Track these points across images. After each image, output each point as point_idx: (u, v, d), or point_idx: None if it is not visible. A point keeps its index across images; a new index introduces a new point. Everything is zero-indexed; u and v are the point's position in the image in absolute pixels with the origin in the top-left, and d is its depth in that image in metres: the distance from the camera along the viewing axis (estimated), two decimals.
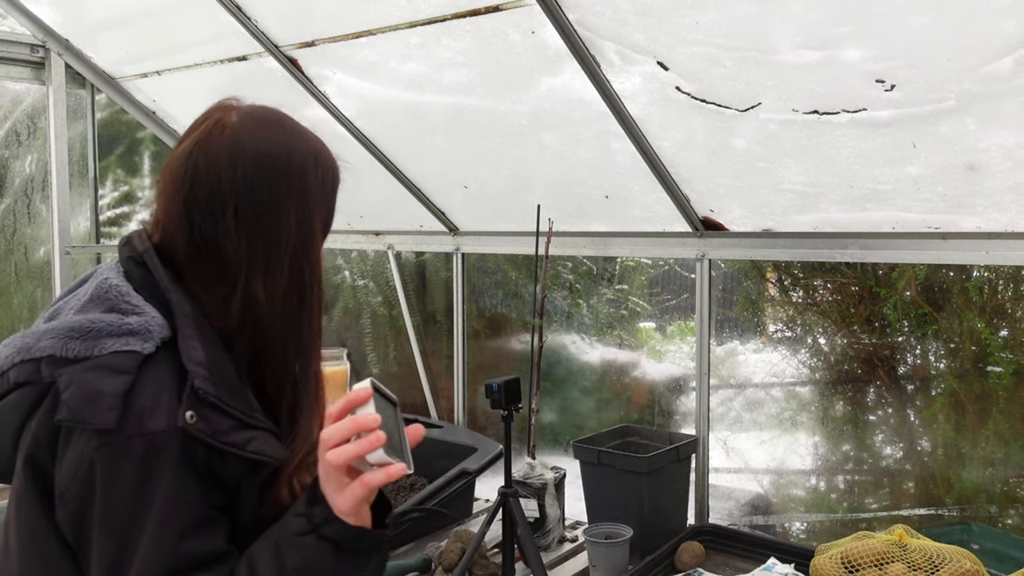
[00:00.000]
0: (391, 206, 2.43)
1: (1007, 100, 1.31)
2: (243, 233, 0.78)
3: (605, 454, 1.79)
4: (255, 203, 0.79)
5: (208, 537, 0.73)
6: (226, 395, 0.75)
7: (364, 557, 0.72)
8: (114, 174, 2.61)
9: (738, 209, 1.83)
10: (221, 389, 0.75)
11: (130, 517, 0.71)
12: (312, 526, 0.71)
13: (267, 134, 0.81)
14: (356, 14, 1.76)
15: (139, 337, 0.74)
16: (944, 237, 1.58)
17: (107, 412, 0.70)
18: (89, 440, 0.70)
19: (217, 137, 0.80)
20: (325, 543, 0.70)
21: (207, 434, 0.72)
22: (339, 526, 0.70)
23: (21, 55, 2.31)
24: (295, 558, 0.71)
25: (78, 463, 0.71)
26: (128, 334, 0.74)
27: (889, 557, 1.34)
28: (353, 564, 0.71)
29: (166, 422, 0.71)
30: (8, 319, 2.32)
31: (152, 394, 0.72)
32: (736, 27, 1.39)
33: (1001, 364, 1.76)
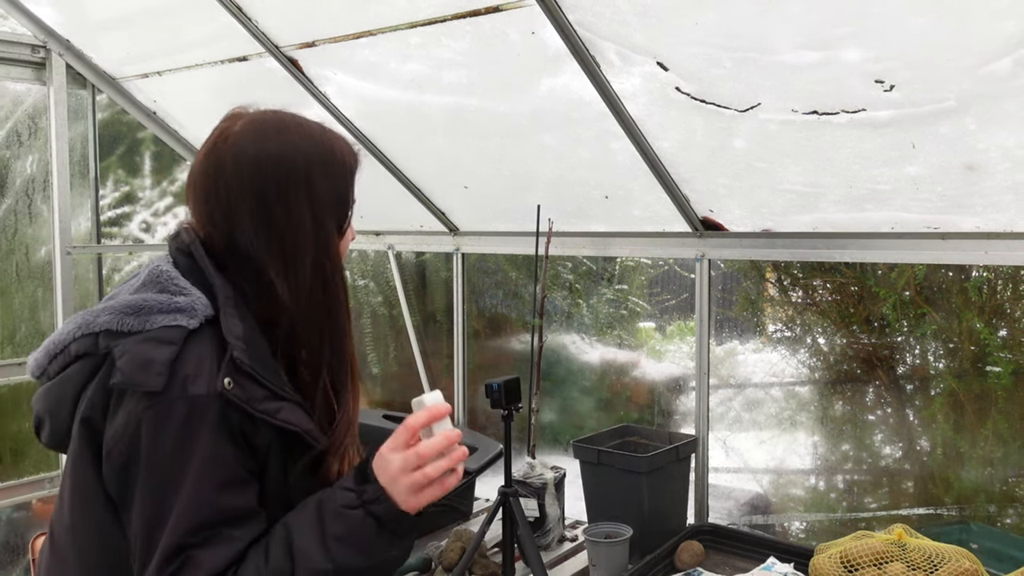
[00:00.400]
0: (391, 206, 2.43)
1: (1006, 100, 1.31)
2: (260, 235, 0.86)
3: (605, 454, 1.80)
4: (265, 206, 0.86)
5: (241, 495, 0.81)
6: (260, 367, 0.83)
7: (399, 538, 0.82)
8: (115, 174, 2.61)
9: (738, 209, 1.83)
10: (256, 362, 0.83)
11: (170, 473, 0.78)
12: (362, 502, 0.80)
13: (270, 138, 0.87)
14: (356, 15, 1.77)
15: (185, 314, 0.83)
16: (943, 237, 1.58)
17: (156, 376, 0.78)
18: (138, 402, 0.79)
19: (222, 146, 0.87)
20: (371, 519, 0.79)
21: (242, 400, 0.80)
22: (389, 506, 0.80)
23: (22, 55, 2.31)
24: (339, 527, 0.79)
25: (126, 423, 0.79)
26: (176, 311, 0.83)
27: (888, 556, 1.35)
28: (389, 542, 0.81)
29: (207, 388, 0.79)
30: (9, 319, 2.33)
31: (196, 363, 0.80)
32: (736, 27, 1.39)
33: (1000, 364, 1.77)
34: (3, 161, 2.31)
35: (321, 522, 0.80)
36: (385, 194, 2.36)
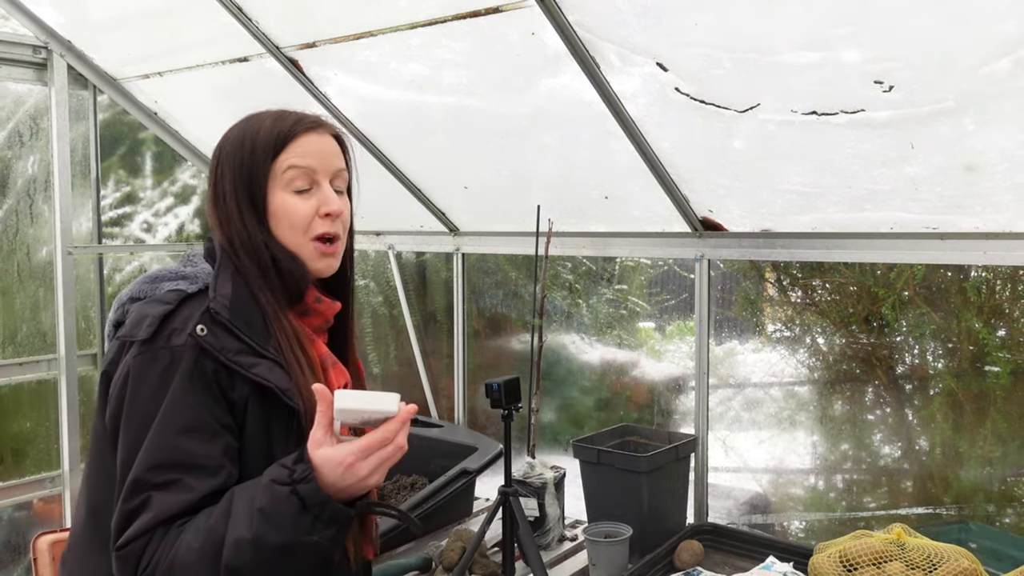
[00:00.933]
0: (392, 206, 2.44)
1: (1005, 101, 1.31)
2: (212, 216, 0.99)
3: (605, 453, 1.80)
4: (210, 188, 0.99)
5: (203, 442, 0.85)
6: (240, 323, 0.90)
7: (321, 524, 0.81)
8: (116, 175, 2.62)
9: (737, 209, 1.83)
10: (237, 317, 0.90)
11: (146, 415, 0.85)
12: (291, 480, 0.81)
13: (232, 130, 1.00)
14: (357, 15, 1.77)
15: (188, 280, 0.94)
16: (942, 237, 1.58)
17: (146, 328, 0.88)
18: (131, 351, 0.88)
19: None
20: (295, 498, 0.80)
21: (215, 348, 0.87)
22: (312, 488, 0.80)
23: (23, 56, 2.31)
24: (264, 500, 0.81)
25: (122, 371, 0.88)
26: (180, 278, 0.94)
27: (887, 556, 1.34)
28: (310, 526, 0.81)
29: (185, 337, 0.87)
30: (11, 319, 2.33)
31: (184, 319, 0.89)
32: (735, 28, 1.40)
33: (999, 364, 1.77)
34: (5, 161, 2.32)
35: (254, 492, 0.82)
36: (385, 194, 2.36)
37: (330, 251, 0.99)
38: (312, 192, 0.97)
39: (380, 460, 0.82)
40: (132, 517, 0.83)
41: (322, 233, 0.97)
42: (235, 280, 0.94)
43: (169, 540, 0.81)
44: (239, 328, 0.89)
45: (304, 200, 0.97)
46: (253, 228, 0.95)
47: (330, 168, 0.99)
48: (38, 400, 2.39)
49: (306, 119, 0.98)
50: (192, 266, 0.97)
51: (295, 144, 0.96)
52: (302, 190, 0.97)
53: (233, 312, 0.90)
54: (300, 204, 0.96)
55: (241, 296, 0.93)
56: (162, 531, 0.82)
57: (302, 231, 0.96)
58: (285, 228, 0.96)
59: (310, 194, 0.97)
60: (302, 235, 0.97)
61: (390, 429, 0.82)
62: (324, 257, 0.99)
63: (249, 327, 0.91)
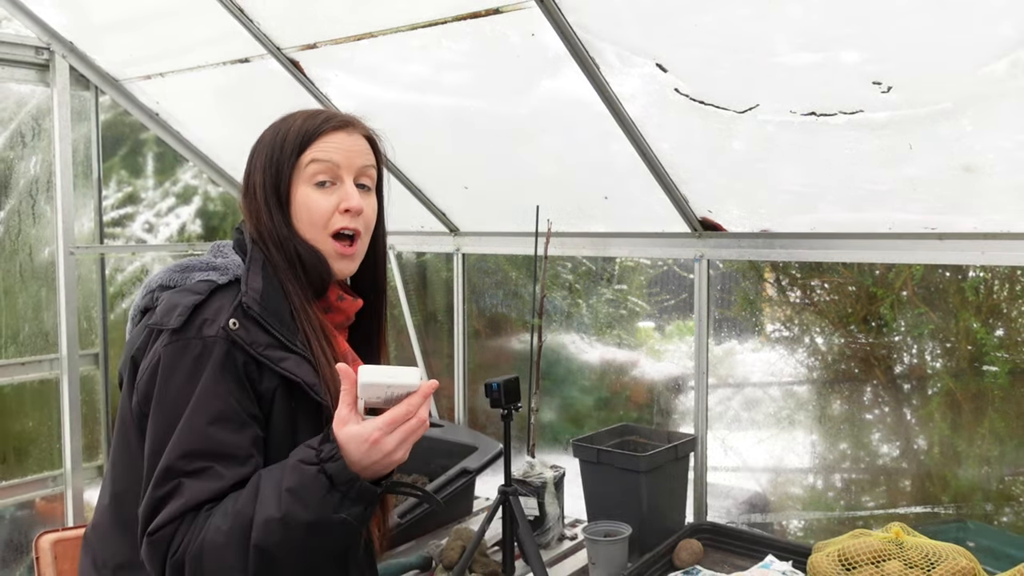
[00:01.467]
0: (392, 207, 2.42)
1: (1003, 102, 1.32)
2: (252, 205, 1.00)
3: (604, 453, 1.81)
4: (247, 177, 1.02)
5: (233, 432, 0.87)
6: (271, 317, 0.92)
7: (349, 502, 0.82)
8: (118, 175, 2.63)
9: (736, 210, 1.84)
10: (267, 312, 0.92)
11: (177, 404, 0.87)
12: (319, 459, 0.82)
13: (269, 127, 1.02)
14: (357, 16, 1.78)
15: (218, 272, 0.96)
16: (940, 238, 1.59)
17: (177, 317, 0.89)
18: (162, 340, 0.90)
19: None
20: (323, 477, 0.82)
21: (246, 341, 0.89)
22: (340, 466, 0.82)
23: (26, 57, 2.32)
24: (292, 480, 0.82)
25: (152, 358, 0.90)
26: (211, 269, 0.96)
27: (886, 555, 1.35)
28: (338, 504, 0.82)
29: (217, 329, 0.89)
30: (13, 319, 2.34)
31: (215, 310, 0.91)
32: (734, 29, 1.40)
33: (997, 363, 1.77)
34: (7, 162, 2.32)
35: (282, 473, 0.83)
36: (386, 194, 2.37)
37: (348, 252, 0.99)
38: (335, 188, 0.98)
39: (405, 434, 0.83)
40: (162, 504, 0.84)
41: (340, 228, 0.98)
42: (265, 272, 0.95)
43: (198, 524, 0.83)
44: (269, 322, 0.91)
45: (325, 195, 0.98)
46: (279, 221, 0.97)
47: (354, 165, 1.00)
48: (40, 400, 2.40)
49: (336, 118, 1.01)
50: (223, 257, 0.98)
51: (321, 140, 0.98)
52: (323, 184, 0.98)
53: (264, 306, 0.92)
54: (321, 198, 0.97)
55: (271, 289, 0.94)
56: (191, 516, 0.83)
57: (321, 226, 0.97)
58: (305, 222, 0.97)
59: (332, 189, 0.98)
60: (321, 230, 0.97)
61: (412, 403, 0.83)
62: (341, 258, 0.99)
63: (279, 321, 0.92)
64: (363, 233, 1.01)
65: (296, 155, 0.97)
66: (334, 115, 1.02)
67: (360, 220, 1.00)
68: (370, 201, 1.02)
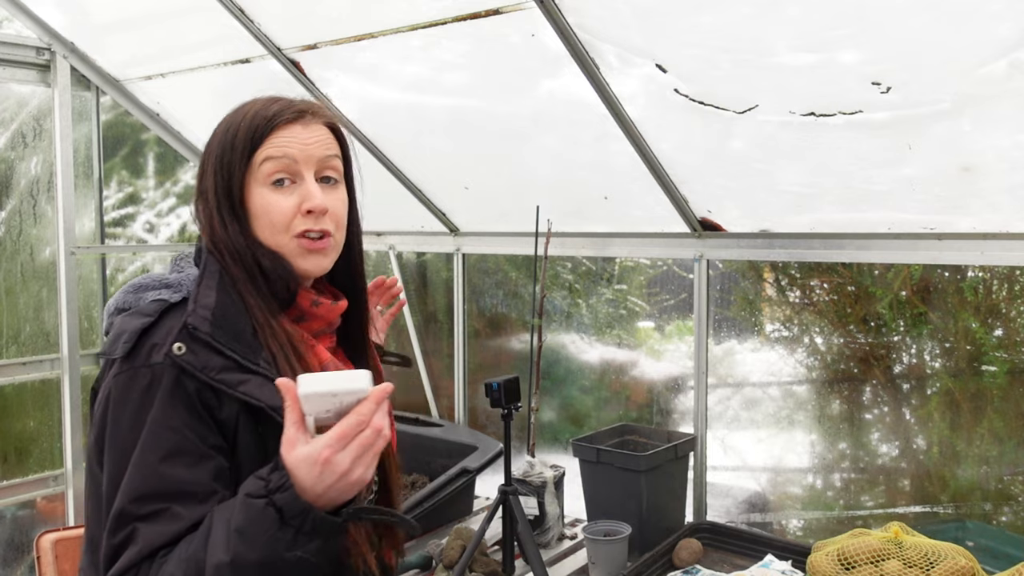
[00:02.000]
0: (392, 207, 2.45)
1: (1002, 102, 1.32)
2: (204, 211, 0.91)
3: (604, 452, 1.81)
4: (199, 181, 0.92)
5: (189, 467, 0.78)
6: (225, 337, 0.82)
7: (304, 537, 0.72)
8: (119, 175, 2.63)
9: (735, 210, 1.84)
10: (220, 331, 0.82)
11: (127, 441, 0.79)
12: (267, 491, 0.72)
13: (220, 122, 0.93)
14: (358, 17, 1.78)
15: (171, 289, 0.87)
16: (939, 238, 1.59)
17: (123, 345, 0.82)
18: (112, 370, 0.83)
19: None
20: (272, 510, 0.72)
21: (195, 367, 0.80)
22: (290, 496, 0.71)
23: (27, 58, 2.33)
24: (240, 518, 0.73)
25: (104, 392, 0.83)
26: (164, 287, 0.88)
27: (885, 554, 1.35)
28: (292, 541, 0.71)
29: (164, 354, 0.81)
30: (14, 319, 2.35)
31: (165, 332, 0.83)
32: (734, 30, 1.41)
33: (995, 363, 1.78)
34: (8, 163, 2.33)
35: (232, 510, 0.74)
36: (386, 195, 2.37)
37: (317, 247, 0.88)
38: (295, 187, 0.88)
39: (360, 449, 0.71)
40: (119, 552, 0.76)
41: (304, 231, 0.87)
42: (221, 286, 0.85)
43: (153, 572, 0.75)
44: (222, 342, 0.81)
45: (284, 195, 0.87)
46: (234, 228, 0.87)
47: (314, 158, 0.88)
48: (41, 399, 2.40)
49: (289, 109, 0.89)
50: (179, 271, 0.90)
51: (274, 136, 0.87)
52: (281, 183, 0.87)
53: (216, 324, 0.82)
54: (280, 200, 0.87)
55: (227, 304, 0.84)
56: (148, 564, 0.75)
57: (283, 229, 0.87)
58: (265, 227, 0.87)
59: (291, 189, 0.87)
60: (283, 234, 0.87)
61: (363, 411, 0.71)
62: (311, 254, 0.88)
63: (236, 340, 0.82)
64: (334, 230, 0.90)
65: (248, 154, 0.87)
66: (288, 105, 0.89)
67: (327, 219, 0.89)
68: (337, 195, 0.91)
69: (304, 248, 0.88)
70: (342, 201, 0.92)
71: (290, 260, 0.88)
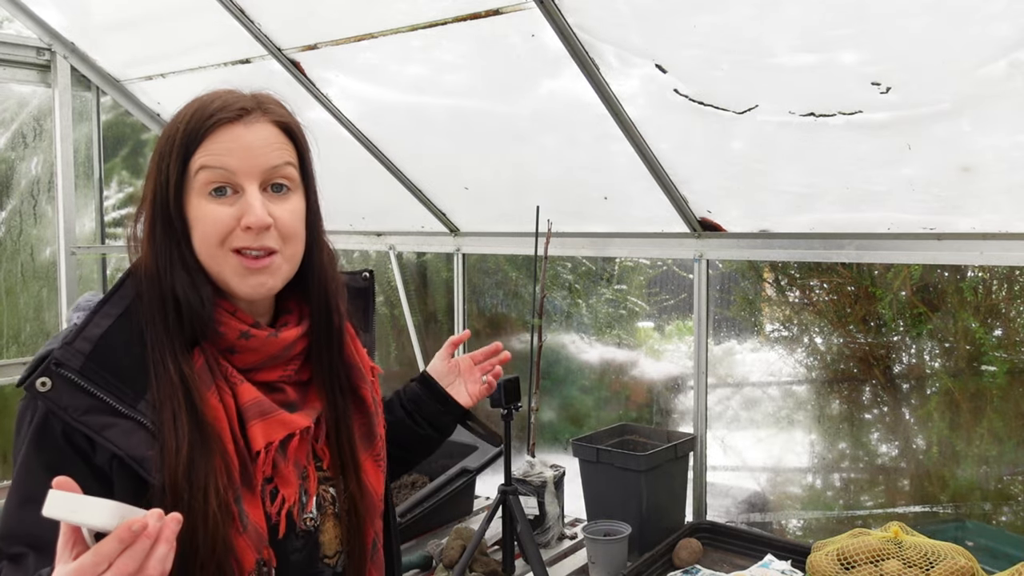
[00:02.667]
0: (393, 207, 2.45)
1: (1001, 102, 1.32)
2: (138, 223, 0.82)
3: (604, 452, 1.81)
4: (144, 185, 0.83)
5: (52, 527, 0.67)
6: (99, 375, 0.72)
7: None
8: (119, 175, 2.64)
9: (735, 210, 1.84)
10: (96, 367, 0.72)
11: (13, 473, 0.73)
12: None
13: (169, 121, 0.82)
14: (358, 17, 1.78)
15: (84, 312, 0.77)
16: (939, 238, 1.59)
17: (26, 369, 0.73)
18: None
19: None
20: None
21: (59, 406, 0.71)
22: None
23: (27, 58, 2.33)
24: None
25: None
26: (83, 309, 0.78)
27: (885, 554, 1.35)
28: None
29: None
30: (14, 318, 2.35)
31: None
32: (733, 30, 1.41)
33: (995, 363, 1.78)
34: (8, 163, 2.33)
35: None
36: (387, 195, 2.38)
37: (257, 265, 0.76)
38: (237, 196, 0.76)
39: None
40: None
41: (242, 247, 0.76)
42: (126, 313, 0.75)
43: None
44: (95, 380, 0.72)
45: (223, 206, 0.76)
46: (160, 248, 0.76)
47: (257, 167, 0.76)
48: None
49: (229, 107, 0.77)
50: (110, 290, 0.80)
51: (210, 140, 0.76)
52: (221, 191, 0.76)
53: (94, 359, 0.72)
54: (216, 211, 0.75)
55: (120, 337, 0.74)
56: None
57: (217, 243, 0.76)
58: (200, 240, 0.76)
59: (233, 199, 0.76)
60: (218, 248, 0.76)
61: (102, 551, 0.57)
62: (251, 274, 0.76)
63: (116, 377, 0.72)
64: (281, 246, 0.78)
65: (184, 160, 0.76)
66: (228, 103, 0.77)
67: (270, 236, 0.76)
68: (287, 205, 0.78)
69: (243, 267, 0.76)
70: (293, 212, 0.79)
71: (227, 281, 0.77)
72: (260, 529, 0.74)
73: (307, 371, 0.84)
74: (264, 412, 0.77)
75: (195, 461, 0.71)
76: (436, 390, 1.09)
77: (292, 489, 0.78)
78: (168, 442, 0.71)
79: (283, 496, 0.77)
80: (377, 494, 0.86)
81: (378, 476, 0.86)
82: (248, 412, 0.76)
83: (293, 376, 0.83)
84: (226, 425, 0.75)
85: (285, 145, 0.80)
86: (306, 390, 0.84)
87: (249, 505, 0.74)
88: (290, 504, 0.77)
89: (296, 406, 0.82)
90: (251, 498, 0.75)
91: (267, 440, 0.76)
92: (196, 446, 0.72)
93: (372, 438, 0.87)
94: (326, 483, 0.83)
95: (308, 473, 0.81)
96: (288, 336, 0.81)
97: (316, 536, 0.81)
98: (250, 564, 0.73)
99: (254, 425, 0.76)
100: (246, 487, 0.74)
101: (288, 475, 0.78)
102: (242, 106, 0.78)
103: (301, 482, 0.79)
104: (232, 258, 0.76)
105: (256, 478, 0.75)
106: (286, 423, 0.78)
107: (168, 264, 0.76)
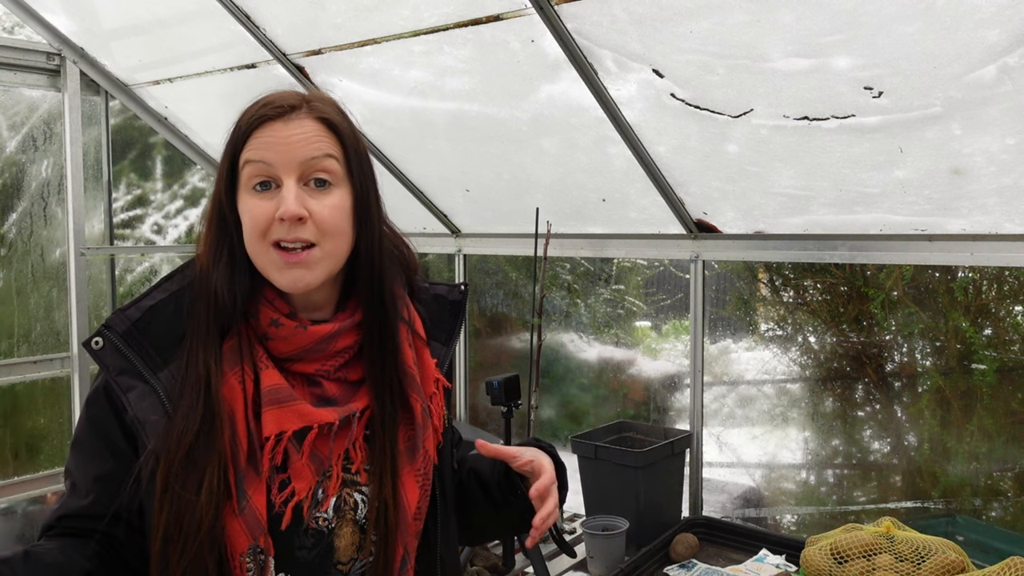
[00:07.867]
0: (395, 209, 2.44)
1: (991, 106, 1.34)
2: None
3: (602, 449, 1.84)
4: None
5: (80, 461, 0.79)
6: (139, 340, 0.78)
7: None
8: (127, 178, 2.67)
9: (731, 212, 1.87)
10: (138, 334, 0.78)
11: None
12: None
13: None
14: (361, 23, 1.81)
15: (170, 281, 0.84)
16: (930, 239, 1.61)
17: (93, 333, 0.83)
18: None
19: None
20: None
21: (104, 364, 0.78)
22: None
23: (37, 63, 2.37)
24: None
25: None
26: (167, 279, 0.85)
27: (877, 548, 1.37)
28: None
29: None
30: (25, 319, 2.39)
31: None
32: (729, 36, 1.43)
33: (985, 361, 1.80)
34: (19, 165, 2.37)
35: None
36: (389, 197, 2.39)
37: (294, 259, 0.77)
38: (278, 191, 0.78)
39: None
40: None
41: (279, 239, 0.77)
42: (179, 291, 0.81)
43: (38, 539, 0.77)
44: (131, 345, 0.77)
45: (264, 200, 0.78)
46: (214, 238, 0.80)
47: (296, 161, 0.77)
48: (52, 397, 2.44)
49: (272, 104, 0.79)
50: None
51: (255, 137, 0.78)
52: (265, 186, 0.78)
53: (138, 326, 0.78)
54: (258, 205, 0.78)
55: (164, 308, 0.80)
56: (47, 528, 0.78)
57: (258, 236, 0.78)
58: (246, 235, 0.79)
59: (273, 193, 0.78)
60: (260, 242, 0.78)
61: None
62: (288, 268, 0.77)
63: (151, 345, 0.78)
64: (320, 240, 0.78)
65: (233, 158, 0.80)
66: (272, 101, 0.80)
67: (306, 229, 0.77)
68: (327, 200, 0.79)
69: (282, 261, 0.77)
70: (334, 207, 0.79)
71: (269, 274, 0.79)
72: (259, 515, 0.73)
73: (359, 370, 0.83)
74: (280, 400, 0.77)
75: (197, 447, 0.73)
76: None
77: (305, 483, 0.76)
78: (177, 425, 0.74)
79: (294, 488, 0.75)
80: (411, 510, 0.80)
81: (415, 492, 0.81)
82: (264, 398, 0.77)
83: (334, 372, 0.81)
84: (241, 406, 0.76)
85: (325, 138, 0.80)
86: (354, 389, 0.82)
87: (252, 489, 0.74)
88: (300, 498, 0.75)
89: (334, 402, 0.80)
90: (256, 482, 0.74)
91: (279, 428, 0.76)
92: (203, 434, 0.73)
93: (415, 451, 0.82)
94: (352, 487, 0.80)
95: (332, 472, 0.78)
96: (319, 330, 0.80)
97: (330, 539, 0.78)
98: (242, 547, 0.73)
99: (268, 411, 0.76)
100: (252, 469, 0.74)
101: (301, 468, 0.76)
102: (289, 104, 0.80)
103: (319, 479, 0.77)
104: (272, 252, 0.78)
105: (263, 463, 0.75)
106: (303, 415, 0.77)
107: (216, 258, 0.80)
